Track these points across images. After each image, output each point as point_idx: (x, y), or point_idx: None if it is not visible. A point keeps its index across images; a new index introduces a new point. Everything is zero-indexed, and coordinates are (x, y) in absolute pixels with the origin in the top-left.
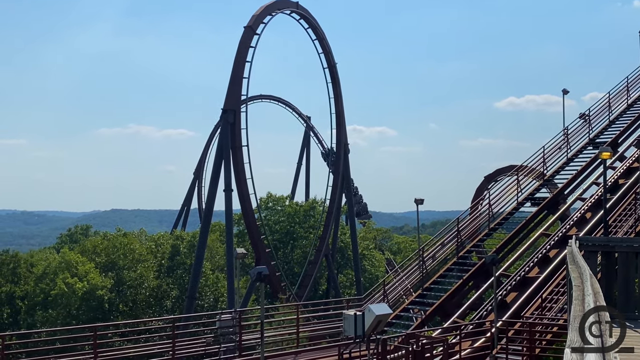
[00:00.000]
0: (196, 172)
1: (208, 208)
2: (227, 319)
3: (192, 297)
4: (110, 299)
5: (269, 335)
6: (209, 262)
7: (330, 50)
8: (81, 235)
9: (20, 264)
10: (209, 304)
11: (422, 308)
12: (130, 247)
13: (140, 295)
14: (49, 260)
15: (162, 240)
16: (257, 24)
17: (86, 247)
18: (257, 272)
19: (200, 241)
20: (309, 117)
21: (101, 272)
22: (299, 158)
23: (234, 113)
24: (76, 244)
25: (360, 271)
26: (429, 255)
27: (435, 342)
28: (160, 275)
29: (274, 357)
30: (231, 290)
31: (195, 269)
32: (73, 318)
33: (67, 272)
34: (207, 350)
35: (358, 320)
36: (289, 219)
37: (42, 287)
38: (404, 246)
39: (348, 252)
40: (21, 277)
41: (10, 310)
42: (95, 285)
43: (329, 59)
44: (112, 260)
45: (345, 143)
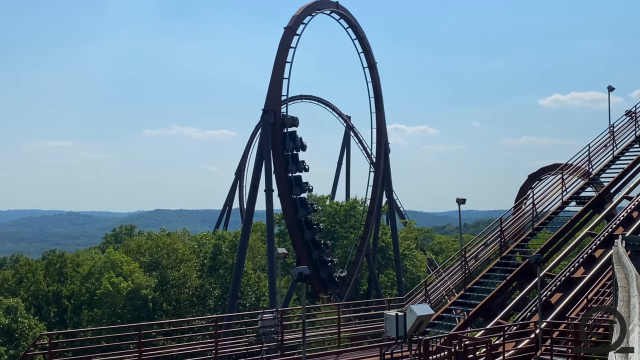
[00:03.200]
0: (238, 172)
1: (249, 208)
2: (269, 319)
3: (234, 296)
4: (154, 298)
5: (310, 335)
6: (251, 261)
7: (370, 49)
8: (126, 235)
9: (66, 263)
10: (250, 303)
11: (465, 309)
12: (174, 246)
13: (184, 294)
14: (95, 260)
15: (204, 240)
16: (297, 24)
17: (130, 246)
18: (298, 272)
19: (242, 241)
20: (349, 117)
21: (145, 272)
22: (339, 158)
23: (274, 113)
24: (121, 243)
25: (401, 271)
26: (472, 256)
27: (478, 343)
28: (202, 275)
29: (316, 357)
30: (273, 289)
31: (237, 268)
32: (118, 317)
33: (112, 271)
34: (249, 349)
35: (399, 321)
36: (330, 219)
37: (87, 287)
38: (446, 246)
39: (389, 252)
40: (67, 277)
41: (57, 309)
42: (139, 284)
43: (369, 58)
44: (156, 259)
45: (385, 142)
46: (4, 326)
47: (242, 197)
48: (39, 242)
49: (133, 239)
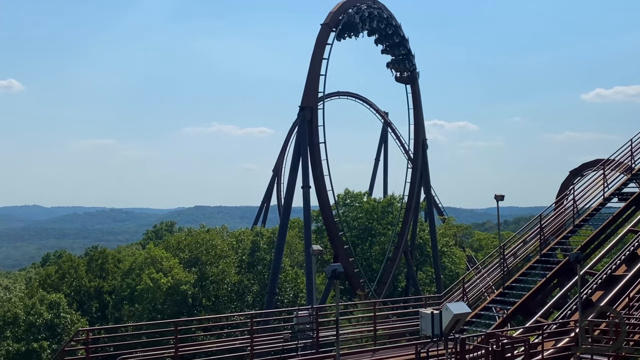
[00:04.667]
0: (275, 169)
1: (287, 204)
2: (304, 316)
3: (272, 292)
4: (193, 294)
5: (345, 332)
6: (288, 258)
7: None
8: (166, 232)
9: (108, 259)
10: (288, 299)
11: (504, 307)
12: (213, 243)
13: (222, 290)
14: (135, 255)
15: (242, 237)
16: (333, 20)
17: (170, 243)
18: (332, 270)
19: (280, 237)
20: (386, 113)
21: (185, 268)
22: (377, 154)
23: (311, 110)
24: (161, 240)
25: (439, 268)
26: (511, 253)
27: (516, 342)
28: (241, 271)
29: (351, 355)
30: (310, 286)
31: (274, 264)
32: (158, 312)
33: (152, 267)
34: (284, 346)
35: (435, 319)
36: (367, 216)
37: (128, 282)
38: (485, 243)
39: (427, 249)
40: (109, 273)
41: (98, 304)
42: (179, 280)
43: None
44: (196, 255)
45: (423, 139)
46: (47, 321)
47: (279, 193)
48: (81, 238)
49: (173, 235)
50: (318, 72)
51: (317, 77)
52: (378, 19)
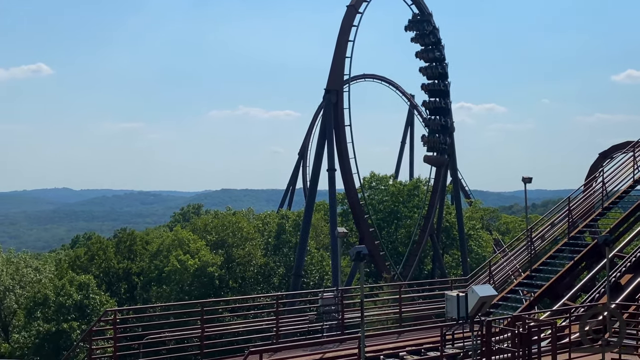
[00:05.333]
0: (301, 152)
1: (312, 187)
2: (329, 297)
3: (297, 274)
4: (220, 276)
5: (371, 314)
6: (314, 240)
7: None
8: (193, 214)
9: (136, 241)
10: (314, 281)
11: (530, 290)
12: (239, 225)
13: (249, 272)
14: (163, 238)
15: (268, 219)
16: (359, 2)
17: (197, 225)
18: (356, 252)
19: (305, 220)
20: (412, 96)
21: (212, 250)
22: (403, 137)
23: (336, 93)
24: (188, 222)
25: (466, 251)
26: (539, 235)
27: (543, 325)
28: (267, 253)
29: (376, 337)
30: (335, 268)
31: (300, 247)
32: (186, 294)
33: (179, 249)
34: (310, 327)
35: (461, 302)
36: (393, 199)
37: (156, 264)
38: (513, 226)
39: (454, 232)
40: (137, 254)
41: (127, 285)
42: (206, 262)
43: (434, 34)
44: (222, 238)
45: (450, 121)
46: (77, 302)
47: (305, 176)
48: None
49: (200, 217)
50: (343, 54)
51: (343, 59)
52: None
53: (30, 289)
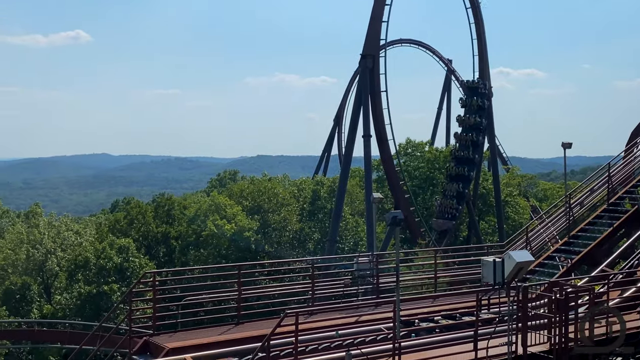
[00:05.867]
0: (336, 118)
1: (347, 154)
2: (365, 262)
3: (332, 240)
4: (256, 241)
5: (406, 279)
6: (349, 207)
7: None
8: (229, 180)
9: (174, 206)
10: (349, 247)
11: (568, 256)
12: (274, 191)
13: (284, 237)
14: (200, 203)
15: (304, 185)
16: None
17: (234, 191)
18: (392, 216)
19: (340, 186)
20: (450, 61)
21: (248, 215)
22: (440, 103)
23: (372, 58)
24: (225, 188)
25: (502, 218)
26: (577, 202)
27: (581, 291)
28: (302, 219)
29: (411, 301)
30: (370, 234)
31: (335, 213)
32: (223, 257)
33: (216, 214)
34: (345, 291)
35: (497, 267)
36: (429, 165)
37: (194, 228)
38: (551, 193)
39: (490, 199)
40: (175, 219)
41: (165, 249)
42: (242, 227)
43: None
44: (258, 203)
45: (488, 86)
46: (117, 265)
47: (340, 143)
48: (149, 185)
49: (236, 183)
50: (380, 18)
51: (379, 24)
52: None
53: (71, 252)
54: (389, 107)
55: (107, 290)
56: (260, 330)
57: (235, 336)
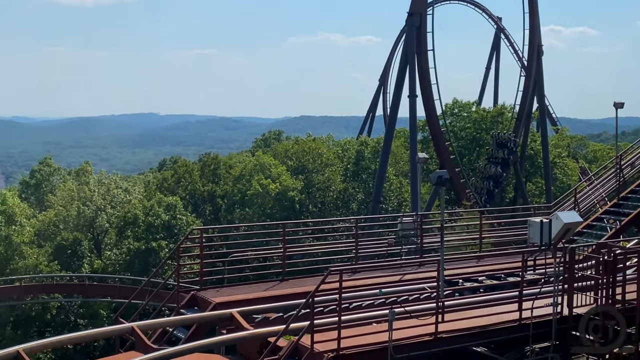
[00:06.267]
0: (381, 78)
1: (392, 114)
2: (409, 222)
3: (376, 200)
4: (300, 200)
5: (450, 239)
6: (393, 167)
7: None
8: (274, 140)
9: (220, 165)
10: (393, 207)
11: (617, 218)
12: (319, 151)
13: (328, 197)
14: (245, 162)
15: (348, 146)
16: None
17: (278, 151)
18: (437, 176)
19: (385, 147)
20: (499, 18)
21: (292, 175)
22: (488, 62)
23: (419, 16)
24: (269, 148)
25: (550, 179)
26: (628, 163)
27: (629, 253)
28: (346, 179)
29: (455, 261)
30: (414, 194)
31: (379, 173)
32: (267, 217)
33: (261, 174)
34: (388, 250)
35: (544, 228)
36: (476, 126)
37: (239, 188)
38: (600, 155)
39: (538, 160)
40: (221, 178)
41: (211, 207)
42: (287, 186)
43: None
44: (302, 163)
45: (538, 44)
46: (165, 222)
47: (385, 103)
48: (195, 145)
49: (281, 143)
50: None
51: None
52: None
53: (120, 209)
54: (435, 66)
55: (155, 247)
56: (304, 287)
57: (280, 292)
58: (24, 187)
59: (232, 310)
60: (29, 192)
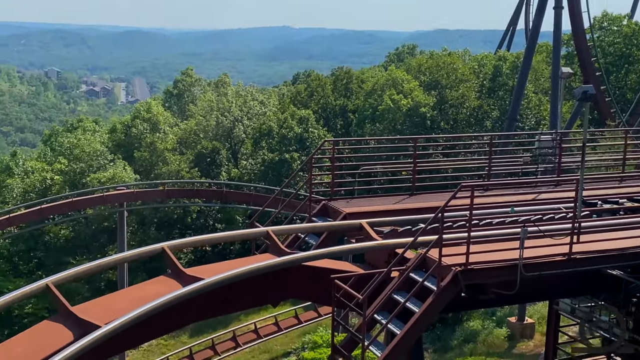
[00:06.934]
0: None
1: (535, 27)
2: (547, 140)
3: (512, 118)
4: (432, 117)
5: (591, 159)
6: (532, 84)
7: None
8: (407, 55)
9: (352, 80)
10: (530, 126)
11: None
12: (453, 66)
13: (461, 114)
14: (378, 77)
15: (485, 61)
16: None
17: (412, 65)
18: (582, 91)
19: (525, 62)
20: None
21: (425, 91)
22: None
23: None
24: (402, 62)
25: None
26: None
27: None
28: (481, 96)
29: (594, 182)
30: (554, 112)
31: (517, 90)
32: (398, 132)
33: (393, 89)
34: (523, 169)
35: None
36: (626, 41)
37: (370, 102)
38: None
39: None
40: (353, 92)
41: (342, 122)
42: (418, 102)
43: None
44: (436, 79)
45: None
46: (297, 134)
47: (528, 15)
48: (328, 59)
49: (414, 58)
50: None
51: None
52: None
53: (256, 121)
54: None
55: (288, 158)
56: (434, 202)
57: (409, 206)
58: (167, 96)
59: (362, 220)
60: (172, 101)
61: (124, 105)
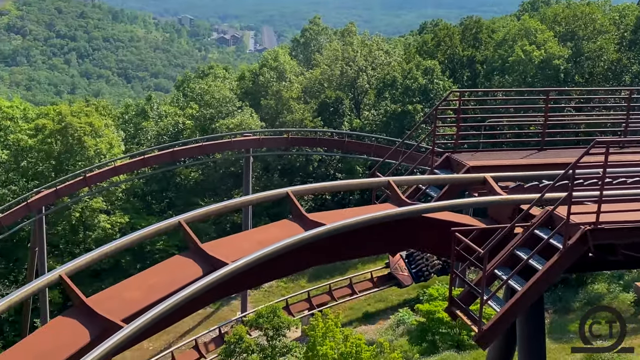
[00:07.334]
0: None
1: None
2: None
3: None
4: (566, 70)
5: None
6: None
7: None
8: (542, 3)
9: (482, 29)
10: None
11: None
12: (592, 17)
13: (598, 68)
14: (509, 27)
15: (627, 11)
16: None
17: (547, 15)
18: None
19: None
20: None
21: (560, 42)
22: None
23: None
24: (537, 12)
25: None
26: None
27: None
28: (621, 49)
29: None
30: None
31: None
32: (528, 85)
33: (525, 39)
34: None
35: None
36: None
37: (500, 53)
38: None
39: None
40: (482, 43)
41: (469, 73)
42: (552, 54)
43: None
44: (572, 29)
45: None
46: (422, 86)
47: None
48: (457, 8)
49: (550, 7)
50: None
51: None
52: None
53: (380, 71)
54: None
55: (411, 110)
56: (564, 159)
57: (537, 161)
58: (294, 45)
59: (486, 174)
60: (299, 50)
61: (252, 53)
